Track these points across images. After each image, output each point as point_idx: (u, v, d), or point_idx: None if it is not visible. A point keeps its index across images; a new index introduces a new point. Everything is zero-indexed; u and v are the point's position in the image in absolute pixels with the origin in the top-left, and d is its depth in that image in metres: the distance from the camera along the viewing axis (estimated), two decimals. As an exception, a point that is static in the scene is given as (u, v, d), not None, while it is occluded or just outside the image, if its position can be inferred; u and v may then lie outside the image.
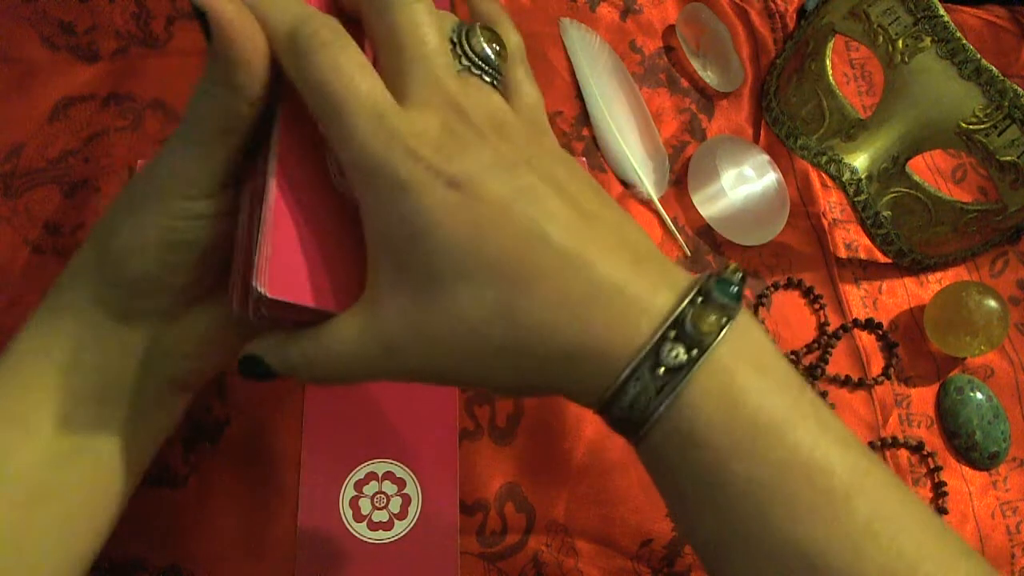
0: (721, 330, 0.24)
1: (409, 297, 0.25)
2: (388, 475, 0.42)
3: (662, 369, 0.24)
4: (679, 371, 0.24)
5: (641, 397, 0.24)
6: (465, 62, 0.27)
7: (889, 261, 0.52)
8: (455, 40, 0.27)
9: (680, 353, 0.24)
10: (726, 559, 0.25)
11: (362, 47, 0.27)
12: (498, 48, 0.28)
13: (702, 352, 0.24)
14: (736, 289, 0.25)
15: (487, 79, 0.27)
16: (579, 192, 0.26)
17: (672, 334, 0.24)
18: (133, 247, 0.29)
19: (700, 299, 0.24)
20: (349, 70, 0.25)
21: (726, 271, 0.26)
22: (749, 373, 0.24)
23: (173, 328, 0.31)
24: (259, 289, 0.26)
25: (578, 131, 0.52)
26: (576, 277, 0.24)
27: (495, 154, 0.25)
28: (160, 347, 0.31)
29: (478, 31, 0.27)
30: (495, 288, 0.24)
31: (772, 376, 0.24)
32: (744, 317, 0.25)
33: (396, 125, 0.24)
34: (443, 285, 0.24)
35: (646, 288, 0.24)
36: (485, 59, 0.27)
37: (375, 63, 0.26)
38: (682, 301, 0.24)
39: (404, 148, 0.24)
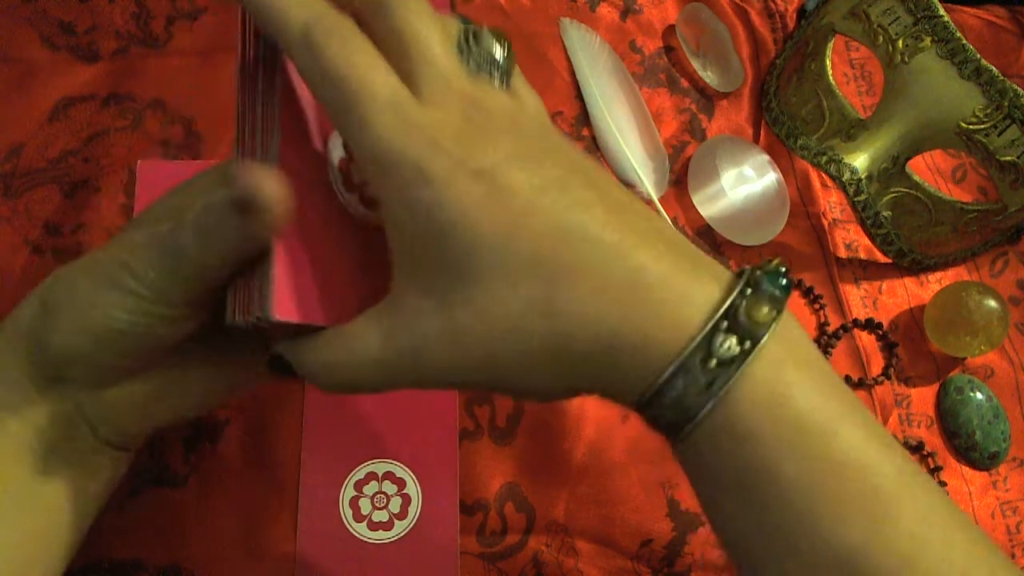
0: (773, 322, 0.23)
1: (438, 298, 0.24)
2: (388, 475, 0.42)
3: (713, 361, 0.23)
4: (731, 364, 0.23)
5: (689, 391, 0.23)
6: (473, 65, 0.26)
7: (889, 261, 0.52)
8: (462, 43, 0.26)
9: (732, 344, 0.23)
10: (765, 560, 0.24)
11: None
12: (505, 51, 0.27)
13: (755, 344, 0.23)
14: (785, 281, 0.24)
15: (495, 80, 0.26)
16: (605, 183, 0.25)
17: (724, 325, 0.23)
18: (76, 329, 0.28)
19: (750, 290, 0.24)
20: (365, 63, 0.24)
21: (770, 264, 0.25)
22: (796, 369, 0.23)
23: (106, 396, 0.30)
24: (266, 313, 0.25)
25: (578, 131, 0.52)
26: (617, 267, 0.23)
27: (518, 145, 0.24)
28: (94, 413, 0.30)
29: (485, 33, 0.27)
30: (532, 282, 0.23)
31: (817, 373, 0.24)
32: (787, 313, 0.24)
33: (415, 115, 0.24)
34: (476, 282, 0.23)
35: (689, 278, 0.24)
36: (493, 61, 0.26)
37: None
38: (732, 291, 0.23)
39: (425, 137, 0.23)
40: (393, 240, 0.25)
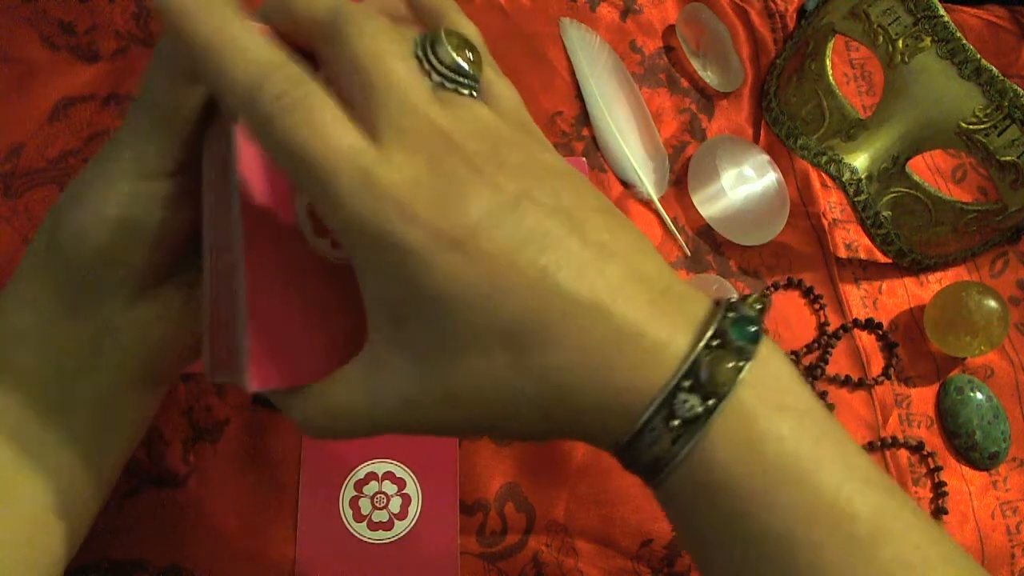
0: (738, 376, 0.23)
1: (418, 363, 0.24)
2: (388, 475, 0.42)
3: (677, 420, 0.23)
4: (694, 422, 0.23)
5: (656, 447, 0.23)
6: (437, 77, 0.24)
7: (889, 261, 0.52)
8: (420, 55, 0.24)
9: (695, 404, 0.23)
10: None
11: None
12: (470, 55, 0.25)
13: (719, 401, 0.23)
14: (755, 329, 0.24)
15: (464, 91, 0.25)
16: (586, 216, 0.24)
17: (687, 384, 0.23)
18: (85, 222, 0.28)
19: (717, 341, 0.23)
20: (323, 128, 0.22)
21: (745, 303, 0.24)
22: (770, 415, 0.23)
23: (129, 317, 0.30)
24: (244, 383, 0.25)
25: (578, 131, 0.52)
26: (595, 328, 0.23)
27: (494, 191, 0.23)
28: (119, 340, 0.30)
29: (443, 40, 0.25)
30: (510, 350, 0.23)
31: (794, 415, 0.23)
32: (764, 349, 0.24)
33: (383, 179, 0.22)
34: (455, 351, 0.23)
35: (665, 330, 0.23)
36: (457, 70, 0.24)
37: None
38: (697, 344, 0.23)
39: (397, 207, 0.22)
40: (369, 302, 0.25)
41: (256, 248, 0.26)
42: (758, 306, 0.24)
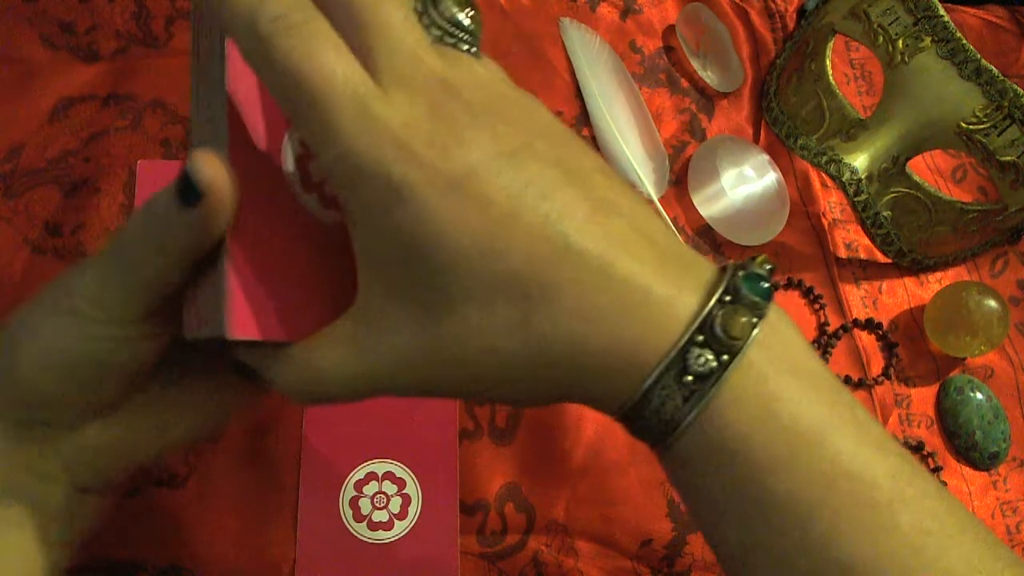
0: (752, 331, 0.22)
1: (411, 316, 0.23)
2: (388, 475, 0.42)
3: (689, 376, 0.22)
4: (708, 378, 0.22)
5: (667, 406, 0.22)
6: (436, 31, 0.23)
7: (889, 261, 0.52)
8: (420, 9, 0.24)
9: (709, 359, 0.22)
10: (757, 575, 0.23)
11: None
12: (471, 12, 0.24)
13: (732, 357, 0.22)
14: (766, 285, 0.23)
15: (463, 47, 0.24)
16: (587, 173, 0.23)
17: (700, 338, 0.22)
18: (36, 364, 0.27)
19: (728, 298, 0.22)
20: (322, 53, 0.21)
21: (754, 263, 0.24)
22: (783, 376, 0.22)
23: (77, 439, 0.28)
24: (221, 331, 0.24)
25: (578, 131, 0.52)
26: (600, 284, 0.22)
27: (494, 138, 0.22)
28: (72, 457, 0.28)
29: None
30: (510, 303, 0.22)
31: (807, 378, 0.23)
32: (774, 313, 0.23)
33: (382, 114, 0.21)
34: (452, 303, 0.22)
35: (674, 288, 0.22)
36: (457, 24, 0.24)
37: None
38: (710, 299, 0.22)
39: (394, 143, 0.21)
40: (361, 252, 0.24)
41: (242, 194, 0.25)
42: (767, 266, 0.24)
